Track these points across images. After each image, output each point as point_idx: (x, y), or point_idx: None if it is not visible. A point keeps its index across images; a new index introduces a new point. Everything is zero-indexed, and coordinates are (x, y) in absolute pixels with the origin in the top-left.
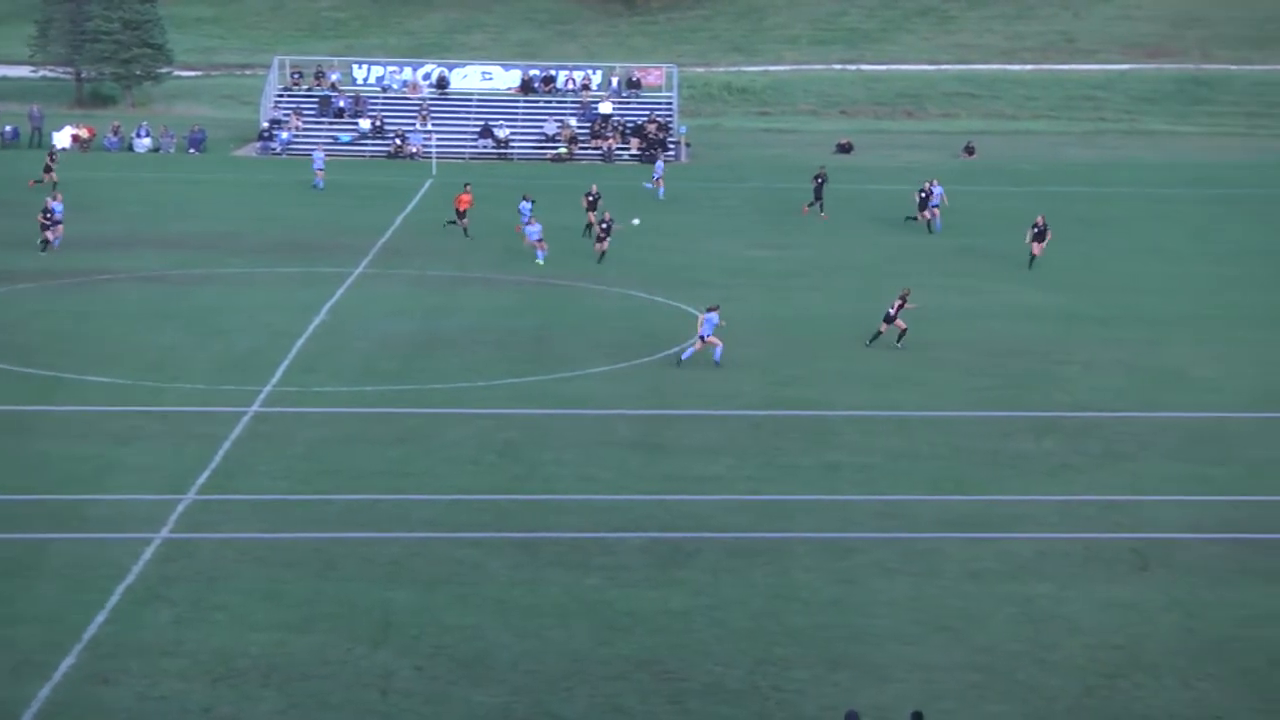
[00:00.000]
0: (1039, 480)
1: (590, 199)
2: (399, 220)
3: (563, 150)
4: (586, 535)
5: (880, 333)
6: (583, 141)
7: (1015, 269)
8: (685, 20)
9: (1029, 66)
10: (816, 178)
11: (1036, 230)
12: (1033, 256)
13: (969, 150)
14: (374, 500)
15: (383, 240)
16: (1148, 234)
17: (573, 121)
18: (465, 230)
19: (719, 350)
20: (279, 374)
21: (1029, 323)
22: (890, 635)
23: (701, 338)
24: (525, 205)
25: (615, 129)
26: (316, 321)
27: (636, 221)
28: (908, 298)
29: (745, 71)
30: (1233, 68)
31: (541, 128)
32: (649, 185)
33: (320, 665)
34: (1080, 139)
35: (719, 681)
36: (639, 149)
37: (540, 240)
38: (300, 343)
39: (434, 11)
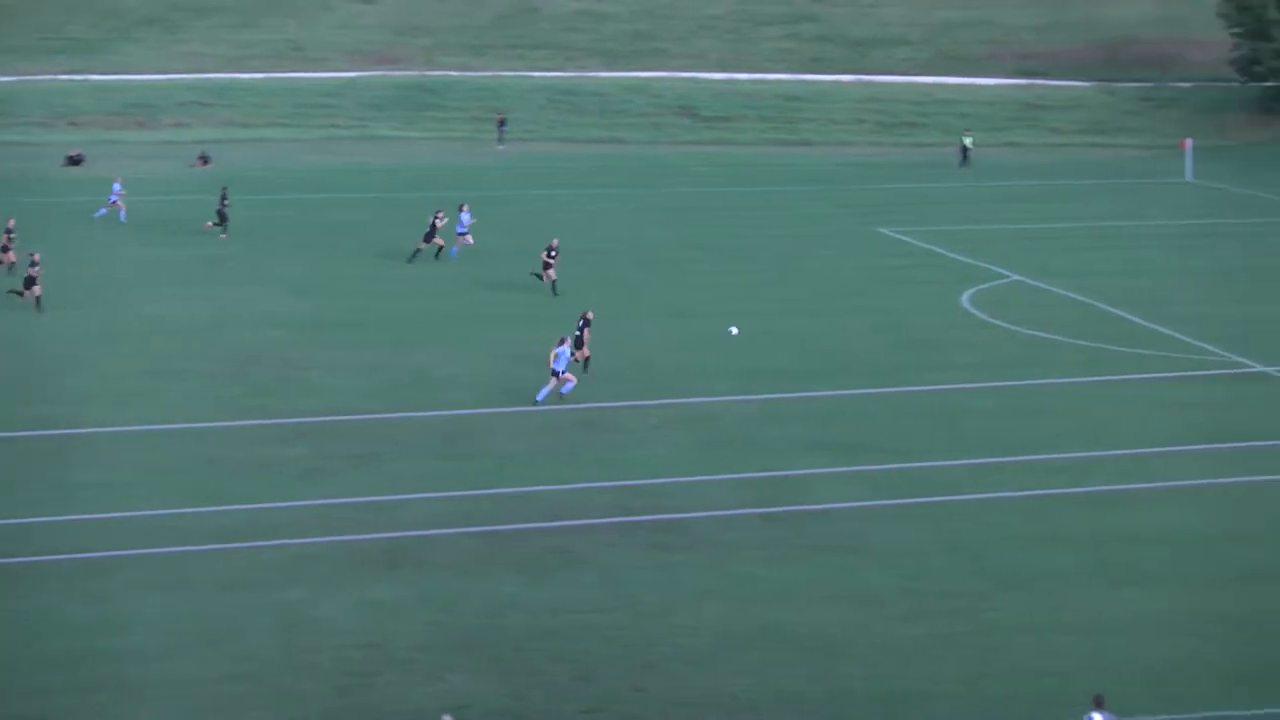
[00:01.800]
0: (292, 486)
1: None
2: None
3: None
4: None
5: None
6: None
7: (260, 275)
8: None
9: (260, 75)
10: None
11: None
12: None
13: (203, 159)
14: None
15: None
16: (384, 237)
17: None
18: None
19: (569, 385)
20: None
21: (274, 330)
22: (149, 652)
23: (555, 373)
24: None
25: None
26: None
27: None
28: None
29: None
30: (455, 74)
31: None
32: None
33: None
34: (314, 145)
35: None
36: None
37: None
38: None
39: None
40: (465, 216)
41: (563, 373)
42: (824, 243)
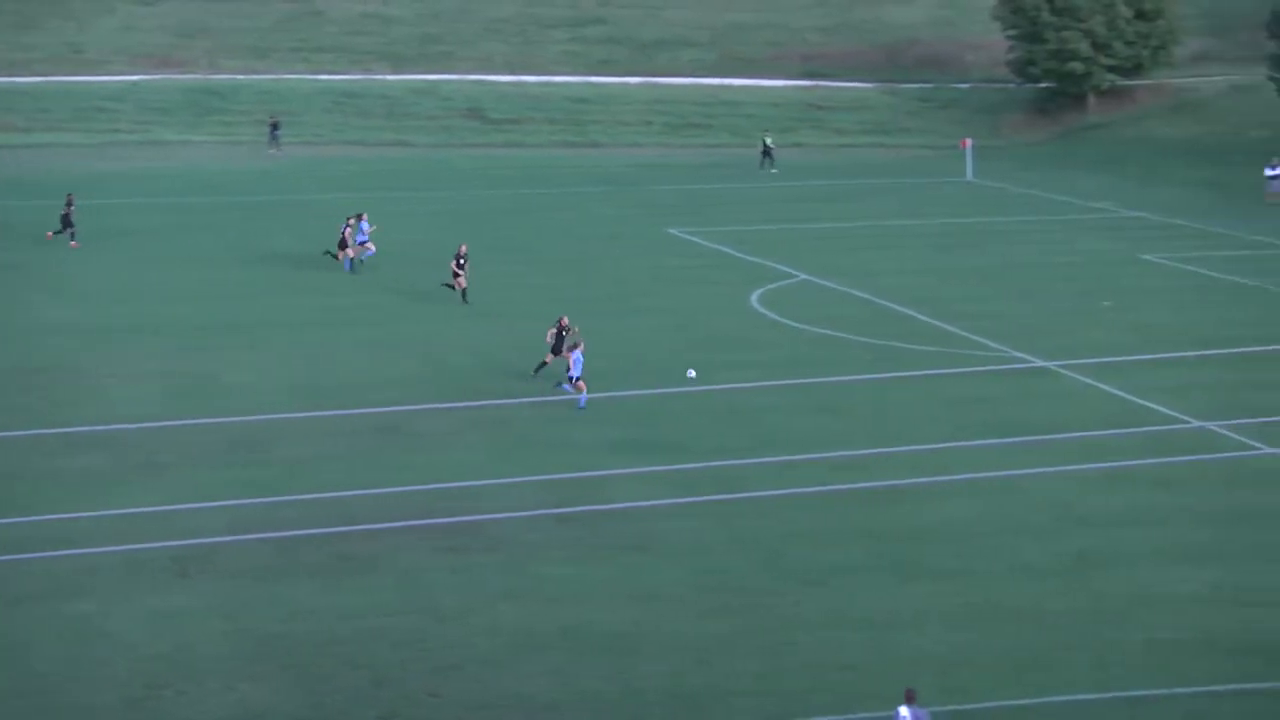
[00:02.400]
0: (81, 496)
1: None
2: None
3: None
4: None
5: None
6: None
7: (48, 283)
8: None
9: (39, 79)
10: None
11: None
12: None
13: None
14: None
15: None
16: (175, 243)
17: None
18: None
19: (584, 396)
20: None
21: (60, 338)
22: None
23: (572, 378)
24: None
25: None
26: None
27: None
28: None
29: None
30: (240, 77)
31: None
32: None
33: None
34: (96, 150)
35: None
36: None
37: None
38: None
39: None
40: (365, 225)
41: (577, 379)
42: (615, 244)
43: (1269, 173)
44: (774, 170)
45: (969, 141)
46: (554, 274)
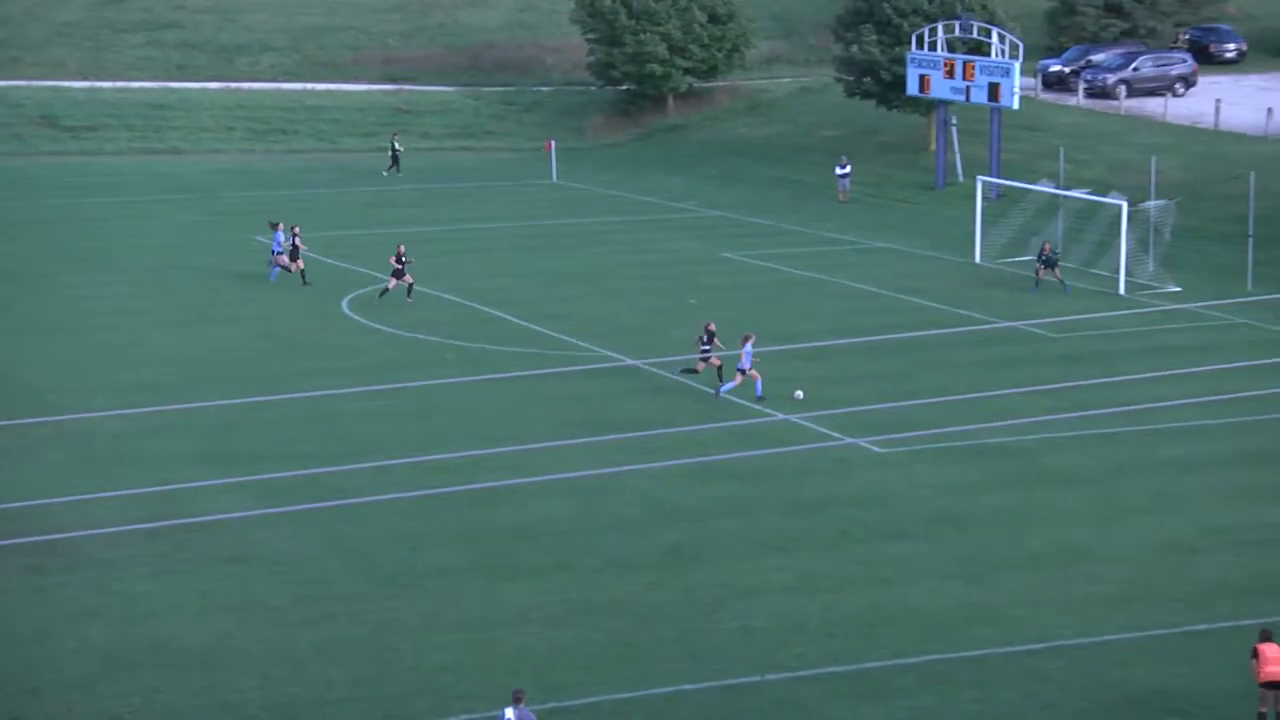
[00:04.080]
0: None
1: None
2: None
3: None
4: None
5: None
6: None
7: None
8: None
9: None
10: None
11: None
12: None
13: None
14: None
15: None
16: None
17: None
18: None
19: (759, 384)
20: None
21: None
22: None
23: (741, 371)
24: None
25: None
26: None
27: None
28: None
29: None
30: None
31: None
32: None
33: None
34: None
35: None
36: None
37: None
38: None
39: None
40: (280, 236)
41: (749, 370)
42: (198, 251)
43: (839, 171)
44: (397, 173)
45: (553, 144)
46: (134, 284)
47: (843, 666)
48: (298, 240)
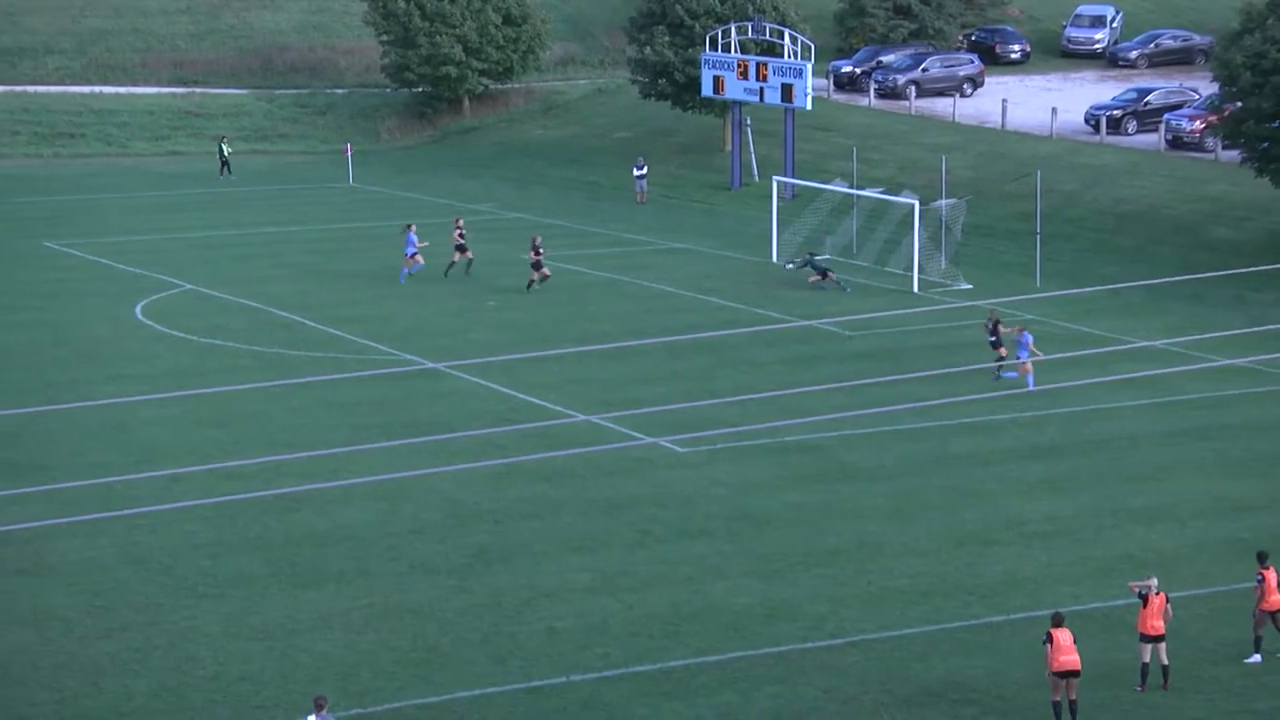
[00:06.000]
0: None
1: None
2: None
3: None
4: None
5: None
6: None
7: None
8: None
9: None
10: None
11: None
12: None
13: None
14: None
15: None
16: None
17: None
18: None
19: (1031, 378)
20: None
21: None
22: None
23: (1020, 358)
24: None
25: None
26: None
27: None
28: None
29: None
30: None
31: None
32: None
33: None
34: None
35: None
36: None
37: None
38: None
39: None
40: (413, 237)
41: (1026, 360)
42: None
43: (636, 173)
44: (229, 176)
45: (349, 147)
46: None
47: (646, 666)
48: (460, 232)
